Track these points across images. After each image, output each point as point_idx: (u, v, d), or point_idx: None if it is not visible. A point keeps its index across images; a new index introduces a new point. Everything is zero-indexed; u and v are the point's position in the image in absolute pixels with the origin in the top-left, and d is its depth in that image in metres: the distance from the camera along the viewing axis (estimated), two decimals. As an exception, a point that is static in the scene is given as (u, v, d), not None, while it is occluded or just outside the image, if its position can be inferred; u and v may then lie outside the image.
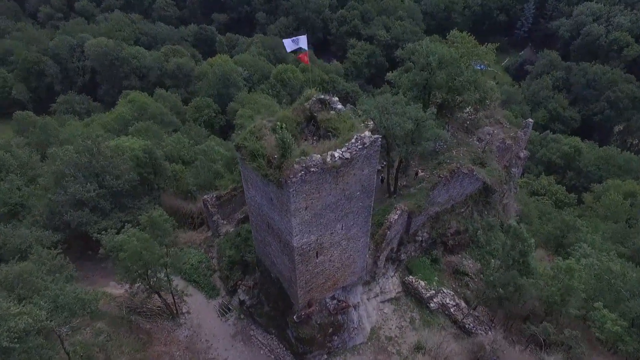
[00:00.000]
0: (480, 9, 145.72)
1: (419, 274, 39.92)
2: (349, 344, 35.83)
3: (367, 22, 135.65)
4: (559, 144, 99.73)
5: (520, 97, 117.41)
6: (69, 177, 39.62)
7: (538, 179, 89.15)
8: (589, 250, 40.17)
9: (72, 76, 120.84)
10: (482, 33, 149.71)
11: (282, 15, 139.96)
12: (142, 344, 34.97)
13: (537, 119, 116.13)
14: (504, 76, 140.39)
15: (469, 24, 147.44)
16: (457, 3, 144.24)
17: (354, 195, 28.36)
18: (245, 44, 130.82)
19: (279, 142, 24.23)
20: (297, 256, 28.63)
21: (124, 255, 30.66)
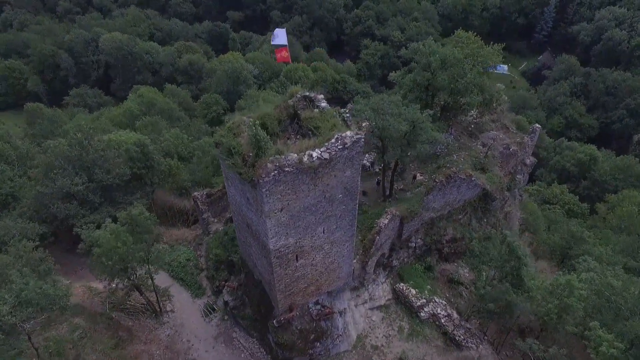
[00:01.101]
0: (498, 12, 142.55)
1: (411, 282, 38.43)
2: (333, 352, 34.57)
3: (382, 23, 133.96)
4: (574, 152, 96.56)
5: (535, 102, 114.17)
6: (58, 169, 39.26)
7: (550, 187, 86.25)
8: (594, 264, 38.01)
9: (86, 70, 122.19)
10: (500, 36, 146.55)
11: (297, 14, 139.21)
12: (122, 341, 34.31)
13: (553, 126, 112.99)
14: (520, 81, 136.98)
15: (487, 27, 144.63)
16: (474, 5, 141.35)
17: (336, 197, 27.11)
18: (258, 42, 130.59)
19: (252, 139, 23.17)
20: (274, 259, 27.52)
21: (99, 250, 30.03)
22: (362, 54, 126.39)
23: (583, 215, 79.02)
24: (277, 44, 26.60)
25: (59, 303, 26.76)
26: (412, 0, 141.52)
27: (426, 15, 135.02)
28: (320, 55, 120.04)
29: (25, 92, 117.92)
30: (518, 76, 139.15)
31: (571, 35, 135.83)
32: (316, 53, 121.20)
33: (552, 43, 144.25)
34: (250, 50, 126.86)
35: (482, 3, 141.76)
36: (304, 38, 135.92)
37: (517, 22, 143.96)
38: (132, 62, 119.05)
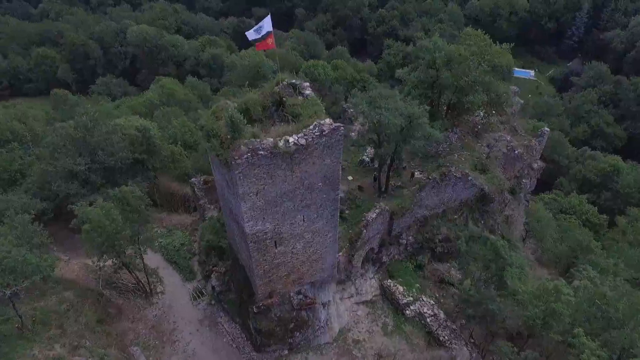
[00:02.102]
0: (527, 16, 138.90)
1: (399, 279, 37.99)
2: (313, 342, 34.53)
3: (406, 24, 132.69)
4: (597, 162, 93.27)
5: (560, 109, 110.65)
6: (63, 149, 40.62)
7: (567, 197, 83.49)
8: (593, 273, 36.56)
9: (114, 60, 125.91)
10: (528, 41, 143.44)
11: (321, 12, 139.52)
12: (109, 317, 35.21)
13: (577, 134, 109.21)
14: (547, 87, 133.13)
15: (515, 31, 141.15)
16: (503, 8, 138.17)
17: (315, 186, 27.06)
18: (281, 39, 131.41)
19: (228, 121, 23.40)
20: (251, 243, 27.71)
21: (88, 226, 30.93)
22: (383, 54, 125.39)
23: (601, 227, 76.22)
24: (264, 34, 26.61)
25: (42, 272, 27.68)
26: (438, 2, 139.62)
27: (452, 17, 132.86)
28: (341, 54, 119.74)
29: (56, 79, 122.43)
30: (545, 82, 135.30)
31: (603, 41, 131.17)
32: (337, 51, 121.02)
33: (583, 49, 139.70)
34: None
35: (510, 6, 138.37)
36: (326, 36, 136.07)
37: (547, 26, 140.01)
38: (157, 54, 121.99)
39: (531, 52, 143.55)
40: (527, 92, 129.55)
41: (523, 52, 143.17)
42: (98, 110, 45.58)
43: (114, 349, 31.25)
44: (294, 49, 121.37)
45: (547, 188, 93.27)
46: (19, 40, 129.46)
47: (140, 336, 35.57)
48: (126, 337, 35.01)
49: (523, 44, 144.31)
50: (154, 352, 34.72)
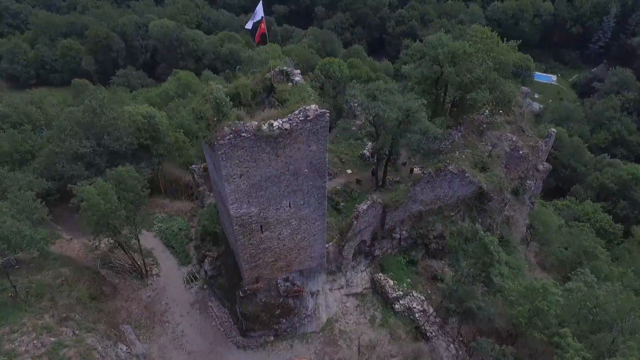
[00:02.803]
0: (552, 19, 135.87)
1: (390, 273, 37.83)
2: (299, 330, 34.71)
3: (426, 24, 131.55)
4: (616, 169, 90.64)
5: (580, 115, 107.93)
6: (70, 131, 41.91)
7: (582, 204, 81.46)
8: (590, 277, 35.61)
9: (135, 53, 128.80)
10: (552, 45, 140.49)
11: (341, 10, 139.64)
12: (103, 295, 36.15)
13: (597, 141, 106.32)
14: (569, 92, 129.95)
15: (538, 34, 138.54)
16: (526, 11, 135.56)
17: (301, 172, 27.24)
18: (299, 36, 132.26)
19: (213, 102, 23.83)
20: (236, 226, 28.07)
21: (84, 204, 31.88)
22: (401, 54, 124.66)
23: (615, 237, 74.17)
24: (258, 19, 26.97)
25: (36, 245, 28.71)
26: (460, 3, 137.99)
27: (473, 18, 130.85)
28: (358, 53, 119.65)
29: (80, 70, 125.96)
30: (567, 87, 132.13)
31: (630, 47, 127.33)
32: (354, 50, 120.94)
33: (608, 55, 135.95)
34: (290, 43, 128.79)
35: (534, 9, 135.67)
36: (345, 35, 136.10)
37: (572, 30, 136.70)
38: (177, 48, 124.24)
39: (554, 56, 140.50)
40: (548, 97, 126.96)
41: (546, 57, 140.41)
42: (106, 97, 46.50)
43: (103, 324, 32.05)
44: (310, 46, 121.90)
45: (562, 194, 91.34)
46: (47, 31, 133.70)
47: (133, 315, 36.41)
48: (119, 315, 35.85)
49: (546, 48, 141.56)
50: (144, 332, 35.51)
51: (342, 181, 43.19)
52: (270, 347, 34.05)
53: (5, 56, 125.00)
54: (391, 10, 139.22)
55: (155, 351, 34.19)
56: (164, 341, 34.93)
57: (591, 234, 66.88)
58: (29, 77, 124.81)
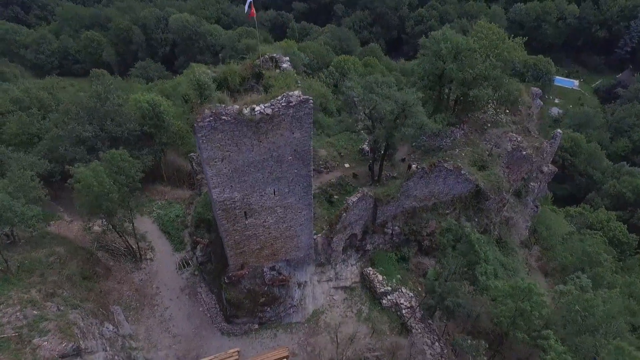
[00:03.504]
0: (576, 22, 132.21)
1: (380, 268, 37.43)
2: (284, 320, 34.71)
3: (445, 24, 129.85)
4: (635, 178, 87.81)
5: (600, 121, 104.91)
6: (74, 115, 42.89)
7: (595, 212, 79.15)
8: (586, 282, 34.58)
9: (155, 46, 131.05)
10: (576, 49, 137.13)
11: (360, 9, 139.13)
12: (96, 276, 36.90)
13: (617, 149, 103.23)
14: (591, 98, 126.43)
15: (562, 38, 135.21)
16: (550, 13, 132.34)
17: (285, 159, 27.22)
18: (317, 33, 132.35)
19: (194, 84, 24.02)
20: (219, 211, 28.26)
21: (78, 185, 32.59)
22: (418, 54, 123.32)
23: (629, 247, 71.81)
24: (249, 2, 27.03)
25: (27, 222, 29.50)
26: (481, 4, 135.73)
27: (494, 19, 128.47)
28: (374, 51, 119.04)
29: (101, 61, 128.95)
30: (589, 93, 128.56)
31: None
32: (370, 48, 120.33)
33: (635, 60, 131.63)
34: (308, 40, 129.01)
35: (558, 11, 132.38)
36: (363, 33, 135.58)
37: (597, 35, 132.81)
38: (195, 42, 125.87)
39: (577, 60, 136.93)
40: (569, 103, 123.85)
41: (568, 61, 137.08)
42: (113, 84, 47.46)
43: (92, 303, 32.70)
44: (326, 44, 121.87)
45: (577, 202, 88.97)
46: (71, 23, 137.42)
47: (124, 297, 37.07)
48: (110, 296, 36.58)
49: (569, 52, 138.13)
50: (133, 313, 36.10)
51: (338, 175, 43.00)
52: (254, 334, 34.16)
53: (31, 46, 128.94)
54: (410, 9, 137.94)
55: (142, 332, 34.71)
56: (151, 323, 35.43)
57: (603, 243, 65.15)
58: (53, 67, 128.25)
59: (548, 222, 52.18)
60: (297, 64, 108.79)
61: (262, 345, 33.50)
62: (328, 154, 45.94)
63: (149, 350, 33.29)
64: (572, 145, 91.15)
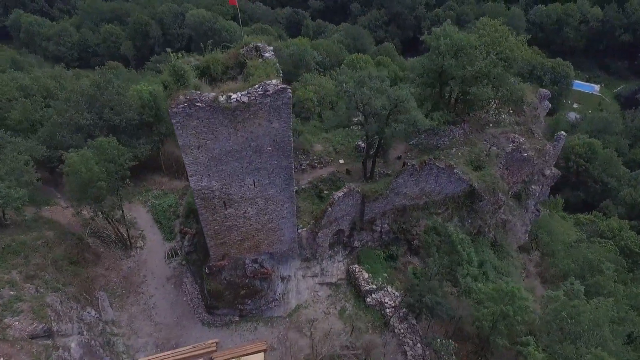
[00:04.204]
0: (599, 26, 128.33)
1: (367, 266, 36.77)
2: (266, 314, 34.40)
3: (462, 25, 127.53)
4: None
5: (619, 127, 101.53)
6: (74, 103, 43.48)
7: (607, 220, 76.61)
8: (578, 288, 33.26)
9: (171, 41, 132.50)
10: (598, 53, 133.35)
11: (376, 8, 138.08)
12: (85, 261, 37.25)
13: (635, 156, 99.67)
14: (612, 104, 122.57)
15: (583, 41, 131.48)
16: (572, 16, 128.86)
17: (264, 149, 26.91)
18: (331, 31, 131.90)
19: (171, 70, 23.91)
20: (198, 200, 28.16)
21: (67, 169, 32.95)
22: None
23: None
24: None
25: (12, 204, 29.95)
26: (500, 5, 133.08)
27: (512, 21, 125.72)
28: (388, 51, 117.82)
29: (119, 55, 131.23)
30: (610, 98, 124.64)
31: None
32: (384, 48, 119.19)
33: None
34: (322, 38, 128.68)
35: (581, 14, 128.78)
36: (378, 32, 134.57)
37: (621, 39, 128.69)
38: (210, 37, 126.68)
39: (599, 65, 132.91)
40: (588, 108, 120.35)
41: (589, 65, 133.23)
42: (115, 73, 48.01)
43: (75, 287, 33.00)
44: (340, 42, 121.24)
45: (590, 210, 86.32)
46: (92, 16, 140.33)
47: (110, 283, 37.34)
48: (97, 282, 36.88)
49: (591, 56, 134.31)
50: (118, 300, 36.31)
51: (332, 170, 42.55)
52: (234, 326, 33.96)
53: (52, 38, 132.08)
54: (427, 9, 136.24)
55: (125, 319, 34.87)
56: (135, 311, 35.57)
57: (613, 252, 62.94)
58: (72, 59, 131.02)
59: (550, 227, 50.52)
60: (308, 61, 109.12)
61: (241, 337, 33.28)
62: (324, 149, 45.52)
63: (129, 337, 33.40)
64: (587, 151, 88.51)
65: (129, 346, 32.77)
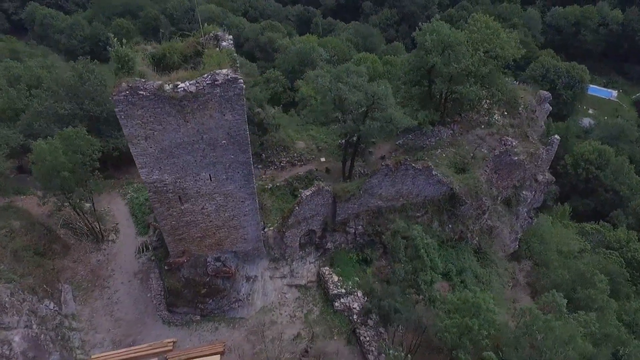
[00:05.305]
0: (619, 29, 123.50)
1: (338, 268, 35.20)
2: (229, 314, 33.18)
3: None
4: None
5: (634, 135, 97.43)
6: (52, 92, 43.05)
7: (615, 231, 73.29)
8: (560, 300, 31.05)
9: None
10: (617, 58, 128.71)
11: (388, 7, 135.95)
12: (53, 253, 36.63)
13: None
14: (629, 110, 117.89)
15: (602, 45, 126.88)
16: (591, 18, 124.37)
17: (218, 142, 25.65)
18: (341, 29, 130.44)
19: (114, 56, 22.86)
20: (150, 193, 27.06)
21: (33, 158, 32.34)
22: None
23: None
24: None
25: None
26: (516, 6, 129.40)
27: (527, 22, 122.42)
28: (397, 50, 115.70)
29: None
30: (628, 104, 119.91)
31: None
32: (393, 47, 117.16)
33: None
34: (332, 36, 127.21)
35: (600, 17, 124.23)
36: (389, 31, 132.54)
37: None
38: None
39: (617, 70, 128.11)
40: (604, 114, 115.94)
41: (607, 70, 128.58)
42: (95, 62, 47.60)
43: (35, 279, 32.27)
44: (349, 40, 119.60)
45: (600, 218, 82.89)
46: (104, 10, 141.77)
47: (77, 276, 36.63)
48: (63, 274, 36.21)
49: (609, 61, 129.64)
50: (82, 293, 35.55)
51: (311, 168, 41.19)
52: (195, 326, 32.82)
53: (65, 31, 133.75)
54: (440, 9, 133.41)
55: (86, 314, 34.07)
56: (97, 305, 34.76)
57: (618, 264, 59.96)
58: (84, 52, 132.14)
59: (544, 235, 47.96)
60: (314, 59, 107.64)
61: (200, 338, 32.11)
62: (306, 147, 44.20)
63: (87, 332, 32.58)
64: (597, 158, 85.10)
65: (86, 341, 31.94)
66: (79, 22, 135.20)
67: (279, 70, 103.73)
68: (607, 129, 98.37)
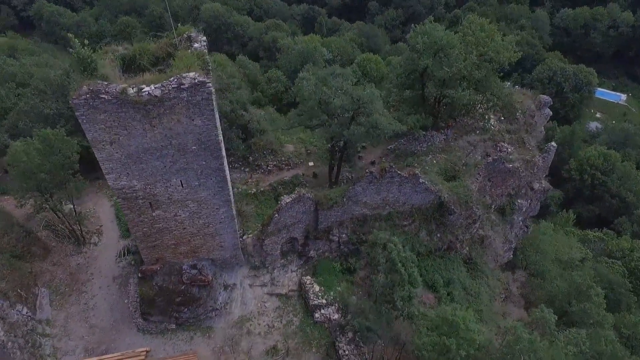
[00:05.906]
0: (629, 31, 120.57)
1: (320, 278, 34.06)
2: (205, 323, 32.21)
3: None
4: (676, 205, 78.71)
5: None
6: (38, 91, 42.45)
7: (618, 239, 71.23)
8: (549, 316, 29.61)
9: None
10: (627, 61, 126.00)
11: (394, 7, 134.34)
12: (31, 255, 35.97)
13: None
14: (638, 114, 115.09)
15: (612, 48, 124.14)
16: (601, 21, 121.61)
17: (188, 148, 24.65)
18: (345, 29, 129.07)
19: (75, 57, 21.95)
20: (119, 199, 26.23)
21: (9, 159, 31.67)
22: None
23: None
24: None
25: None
26: (524, 7, 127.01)
27: (535, 24, 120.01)
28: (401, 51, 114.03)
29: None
30: (637, 109, 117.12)
31: None
32: (397, 47, 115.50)
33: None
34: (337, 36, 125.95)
35: (610, 19, 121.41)
36: (394, 32, 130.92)
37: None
38: (223, 32, 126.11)
39: (627, 73, 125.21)
40: (612, 118, 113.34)
41: (617, 73, 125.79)
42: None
43: (8, 283, 31.59)
44: (353, 40, 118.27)
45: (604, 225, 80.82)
46: (111, 8, 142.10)
47: (55, 280, 35.89)
48: (41, 278, 35.53)
49: (619, 64, 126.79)
50: (59, 298, 34.81)
51: (298, 172, 40.11)
52: (169, 335, 31.89)
53: (71, 29, 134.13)
54: (447, 10, 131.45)
55: (61, 319, 33.32)
56: (73, 311, 33.99)
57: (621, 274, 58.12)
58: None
59: (540, 245, 46.31)
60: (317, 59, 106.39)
61: (174, 347, 31.18)
62: (295, 150, 43.14)
63: (60, 339, 31.83)
64: (603, 163, 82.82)
65: (58, 349, 31.17)
66: (86, 19, 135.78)
67: (281, 70, 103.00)
68: (614, 133, 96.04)
